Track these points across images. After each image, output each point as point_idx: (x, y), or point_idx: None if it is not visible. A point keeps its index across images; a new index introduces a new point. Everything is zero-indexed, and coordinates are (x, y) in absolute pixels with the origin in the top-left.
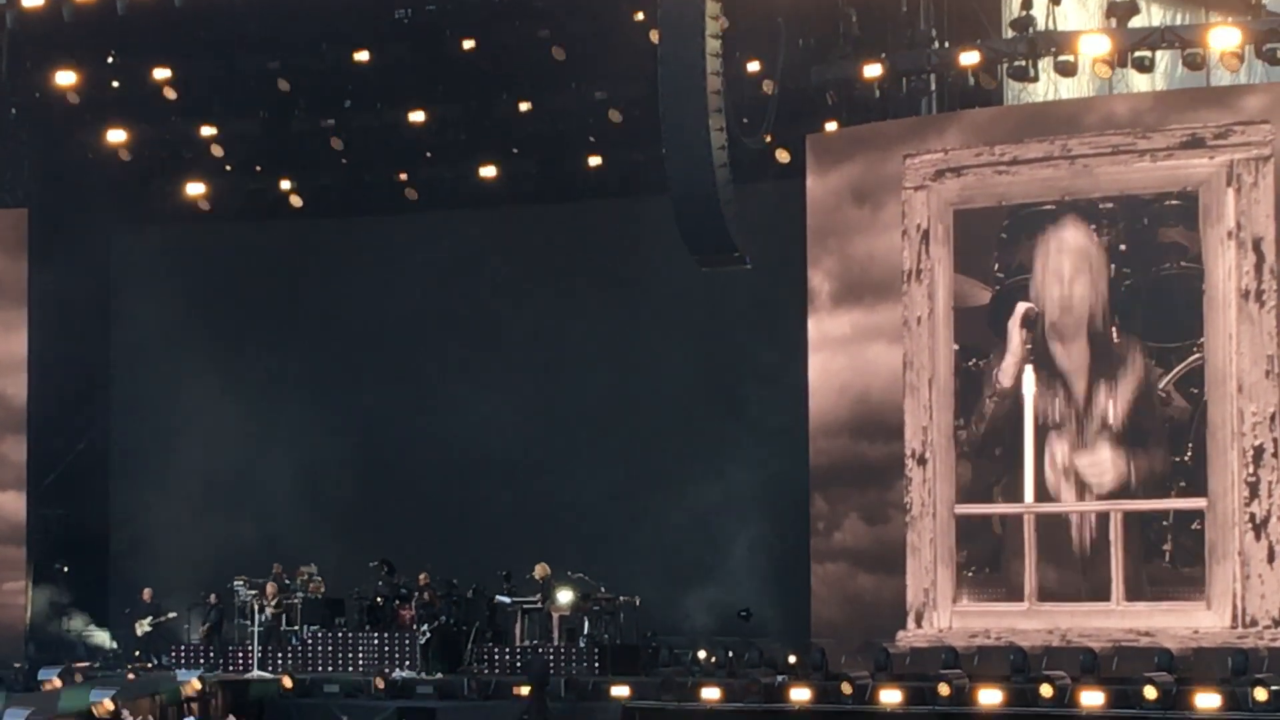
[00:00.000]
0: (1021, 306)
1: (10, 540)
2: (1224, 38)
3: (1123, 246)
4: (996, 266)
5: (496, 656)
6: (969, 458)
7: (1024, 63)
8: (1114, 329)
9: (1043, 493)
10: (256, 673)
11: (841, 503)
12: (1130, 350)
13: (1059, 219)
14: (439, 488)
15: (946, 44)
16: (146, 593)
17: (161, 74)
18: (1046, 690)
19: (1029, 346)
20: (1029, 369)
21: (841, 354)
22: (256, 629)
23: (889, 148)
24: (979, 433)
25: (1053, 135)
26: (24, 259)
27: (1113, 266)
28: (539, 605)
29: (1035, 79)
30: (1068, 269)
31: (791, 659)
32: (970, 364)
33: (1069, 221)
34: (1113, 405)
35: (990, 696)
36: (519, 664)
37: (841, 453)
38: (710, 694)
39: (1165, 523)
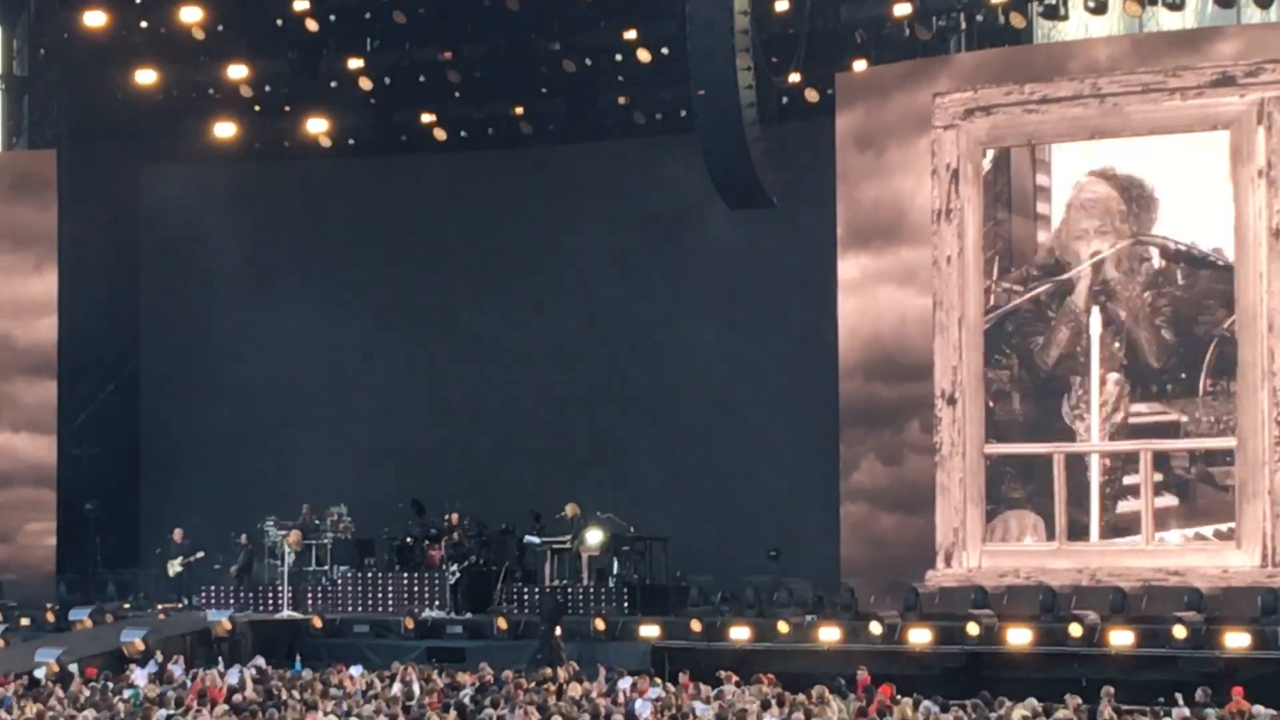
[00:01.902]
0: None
1: (41, 481)
2: None
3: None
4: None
5: (526, 597)
6: (1031, 397)
7: (1054, 1)
8: (1179, 273)
9: (1072, 432)
10: (287, 613)
11: (867, 444)
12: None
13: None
14: (468, 427)
15: None
16: (177, 533)
17: (190, 14)
18: (1075, 630)
19: (1096, 287)
20: (1095, 309)
21: (869, 295)
22: (286, 569)
23: (918, 87)
24: (1047, 368)
25: (1083, 74)
26: (54, 200)
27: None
28: (568, 546)
29: (1065, 17)
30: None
31: (821, 598)
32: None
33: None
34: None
35: (1019, 636)
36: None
37: (870, 394)
38: (739, 634)
39: (1196, 461)
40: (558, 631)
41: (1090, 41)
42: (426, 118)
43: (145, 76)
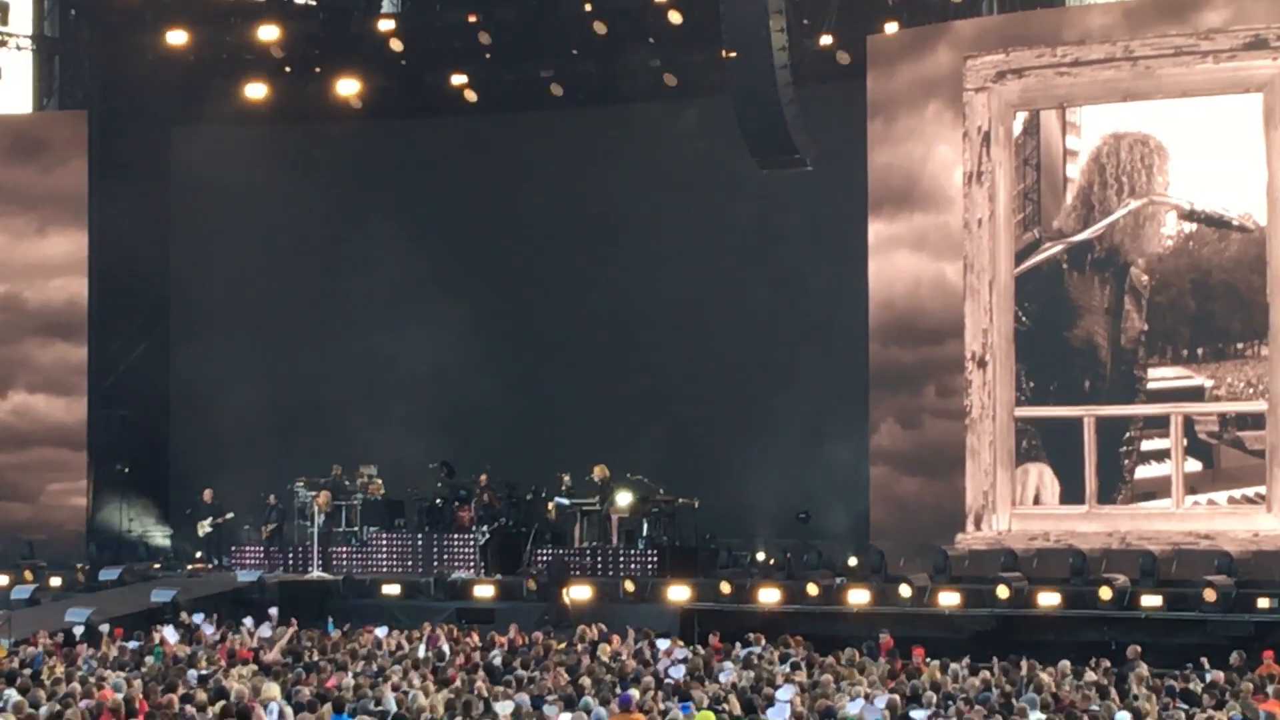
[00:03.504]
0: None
1: (72, 442)
2: None
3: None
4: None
5: (553, 558)
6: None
7: None
8: (1209, 235)
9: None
10: (316, 573)
11: (885, 407)
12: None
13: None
14: (499, 389)
15: None
16: (207, 493)
17: None
18: (1105, 593)
19: (1123, 250)
20: (1123, 271)
21: (887, 259)
22: (316, 530)
23: (950, 49)
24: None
25: (1115, 37)
26: (84, 161)
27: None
28: (598, 507)
29: None
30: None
31: (851, 561)
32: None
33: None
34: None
35: (1049, 599)
36: (575, 567)
37: (888, 358)
38: (769, 596)
39: (1226, 425)
40: (566, 594)
41: (1123, 4)
42: (457, 79)
43: (176, 37)
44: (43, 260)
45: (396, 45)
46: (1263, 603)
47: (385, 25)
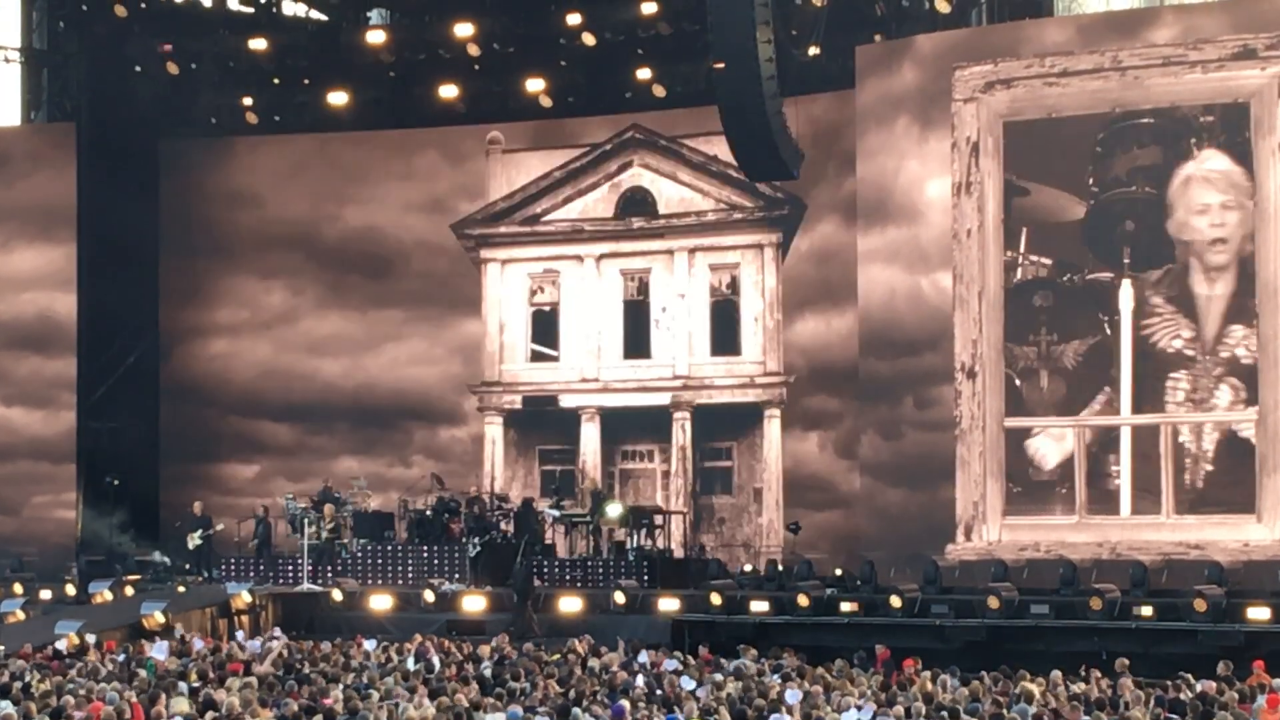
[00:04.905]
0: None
1: (53, 455)
2: None
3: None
4: (1091, 180)
5: (546, 569)
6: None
7: None
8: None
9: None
10: (306, 585)
11: (867, 418)
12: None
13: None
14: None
15: None
16: (197, 505)
17: None
18: (1096, 603)
19: (1128, 263)
20: (1126, 284)
21: (887, 267)
22: (306, 542)
23: (938, 60)
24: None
25: (1103, 47)
26: (73, 173)
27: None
28: (588, 519)
29: None
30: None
31: (840, 572)
32: (1065, 279)
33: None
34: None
35: (1040, 609)
36: (568, 576)
37: (870, 370)
38: (759, 607)
39: (1216, 435)
40: (530, 608)
41: (1111, 14)
42: (446, 91)
43: (165, 49)
44: (31, 272)
45: (386, 57)
46: (1253, 613)
47: (374, 37)
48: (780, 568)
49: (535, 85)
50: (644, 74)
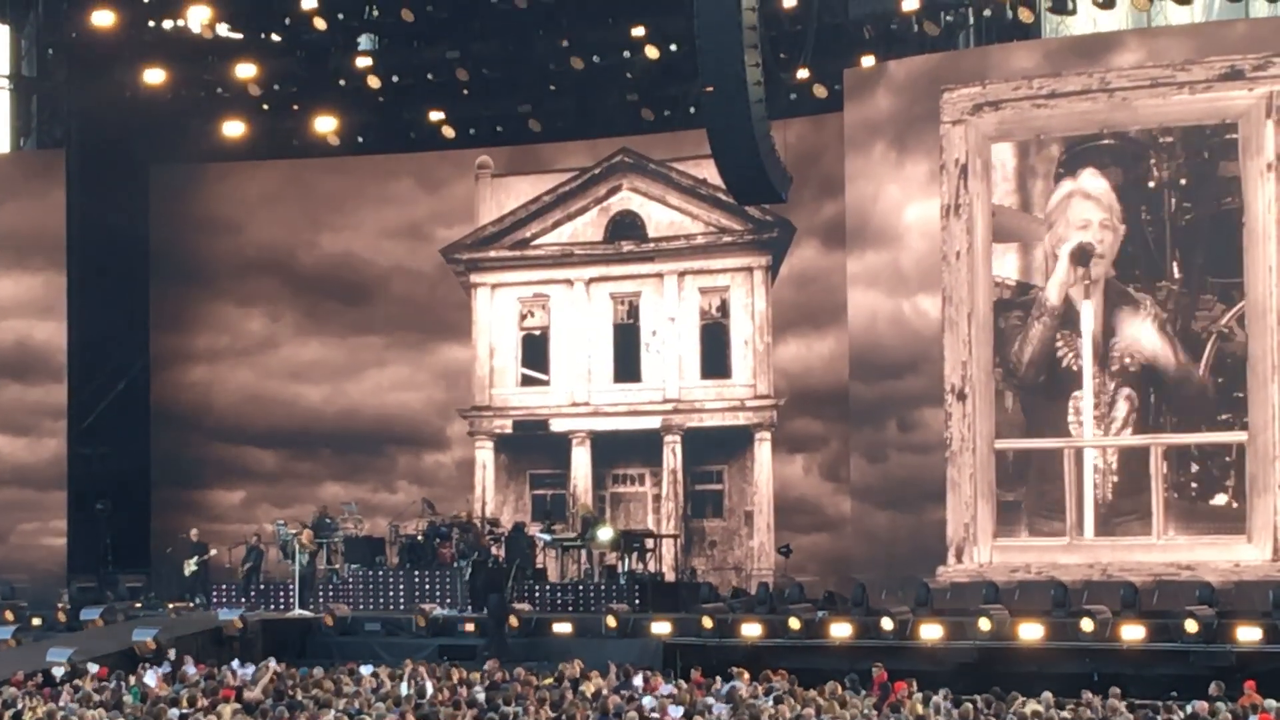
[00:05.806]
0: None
1: (51, 481)
2: None
3: (1183, 181)
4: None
5: (538, 593)
6: (1027, 393)
7: None
8: (1174, 264)
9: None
10: (297, 611)
11: (853, 441)
12: (1189, 287)
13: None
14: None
15: None
16: (193, 532)
17: (198, 14)
18: (1087, 625)
19: (1086, 282)
20: (1087, 304)
21: (876, 289)
22: (297, 568)
23: (927, 82)
24: (1043, 362)
25: (1091, 68)
26: (62, 200)
27: (1172, 201)
28: (579, 543)
29: (1073, 12)
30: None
31: (831, 594)
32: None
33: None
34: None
35: (1031, 631)
36: (559, 600)
37: (855, 393)
38: (751, 630)
39: (1206, 457)
40: (505, 629)
41: (1098, 36)
42: (435, 116)
43: (153, 76)
44: (10, 299)
45: (374, 82)
46: (1244, 633)
47: (363, 62)
48: (771, 590)
49: (524, 109)
50: (632, 98)
